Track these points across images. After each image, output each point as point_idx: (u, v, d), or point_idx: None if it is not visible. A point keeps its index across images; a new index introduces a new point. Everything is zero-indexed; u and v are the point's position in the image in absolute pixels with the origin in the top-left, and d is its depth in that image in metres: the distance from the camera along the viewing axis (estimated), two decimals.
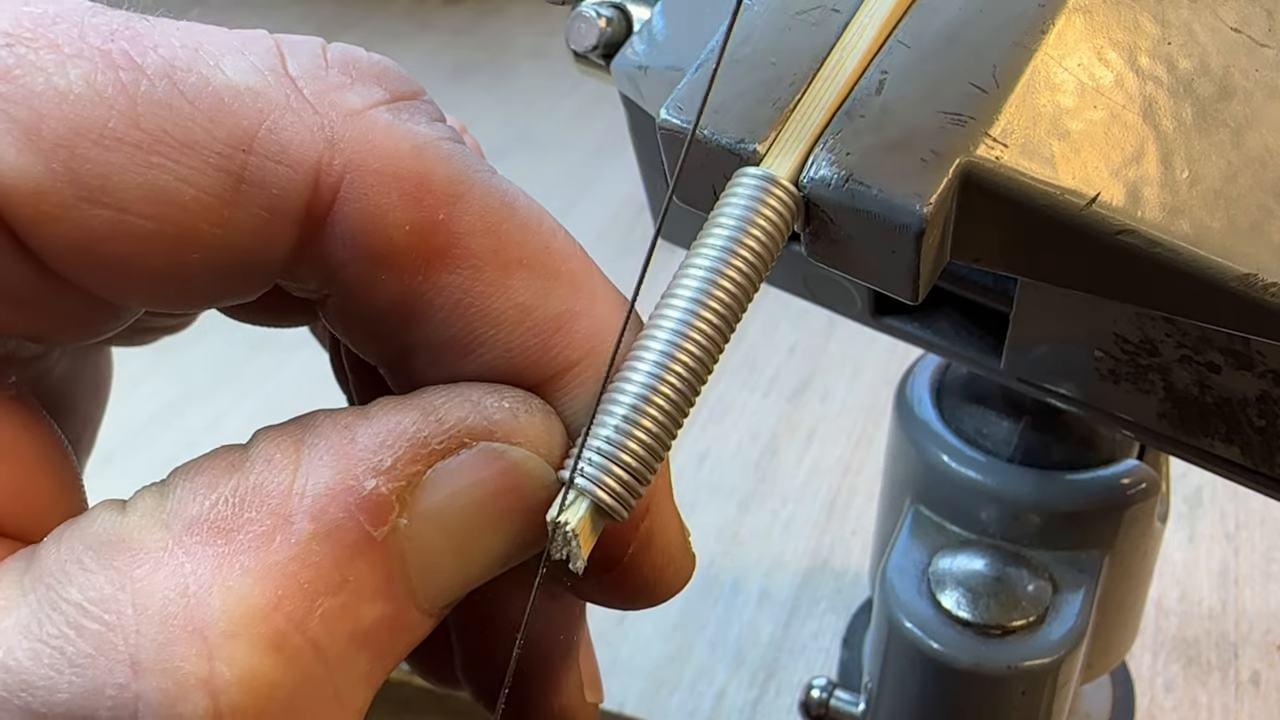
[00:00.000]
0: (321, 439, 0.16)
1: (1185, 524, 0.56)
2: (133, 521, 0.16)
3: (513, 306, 0.17)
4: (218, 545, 0.15)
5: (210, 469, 0.16)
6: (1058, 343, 0.27)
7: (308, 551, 0.16)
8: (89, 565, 0.15)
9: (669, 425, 0.17)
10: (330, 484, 0.16)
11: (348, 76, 0.17)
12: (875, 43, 0.20)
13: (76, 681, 0.15)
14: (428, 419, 0.16)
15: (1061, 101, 0.20)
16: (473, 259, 0.17)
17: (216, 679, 0.15)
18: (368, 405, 0.17)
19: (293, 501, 0.16)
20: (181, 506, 0.16)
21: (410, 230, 0.16)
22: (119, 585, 0.15)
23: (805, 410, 0.63)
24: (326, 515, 0.16)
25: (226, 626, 0.15)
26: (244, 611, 0.15)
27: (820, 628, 0.51)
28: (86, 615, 0.15)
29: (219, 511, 0.16)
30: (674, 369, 0.17)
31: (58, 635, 0.15)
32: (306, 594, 0.15)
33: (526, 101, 0.90)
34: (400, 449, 0.16)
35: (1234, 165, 0.20)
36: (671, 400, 0.17)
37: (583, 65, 0.28)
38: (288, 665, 0.15)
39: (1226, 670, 0.49)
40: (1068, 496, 0.34)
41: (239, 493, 0.16)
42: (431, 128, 0.17)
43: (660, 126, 0.21)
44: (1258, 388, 0.24)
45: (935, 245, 0.20)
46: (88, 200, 0.15)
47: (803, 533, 0.56)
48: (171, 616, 0.15)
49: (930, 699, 0.35)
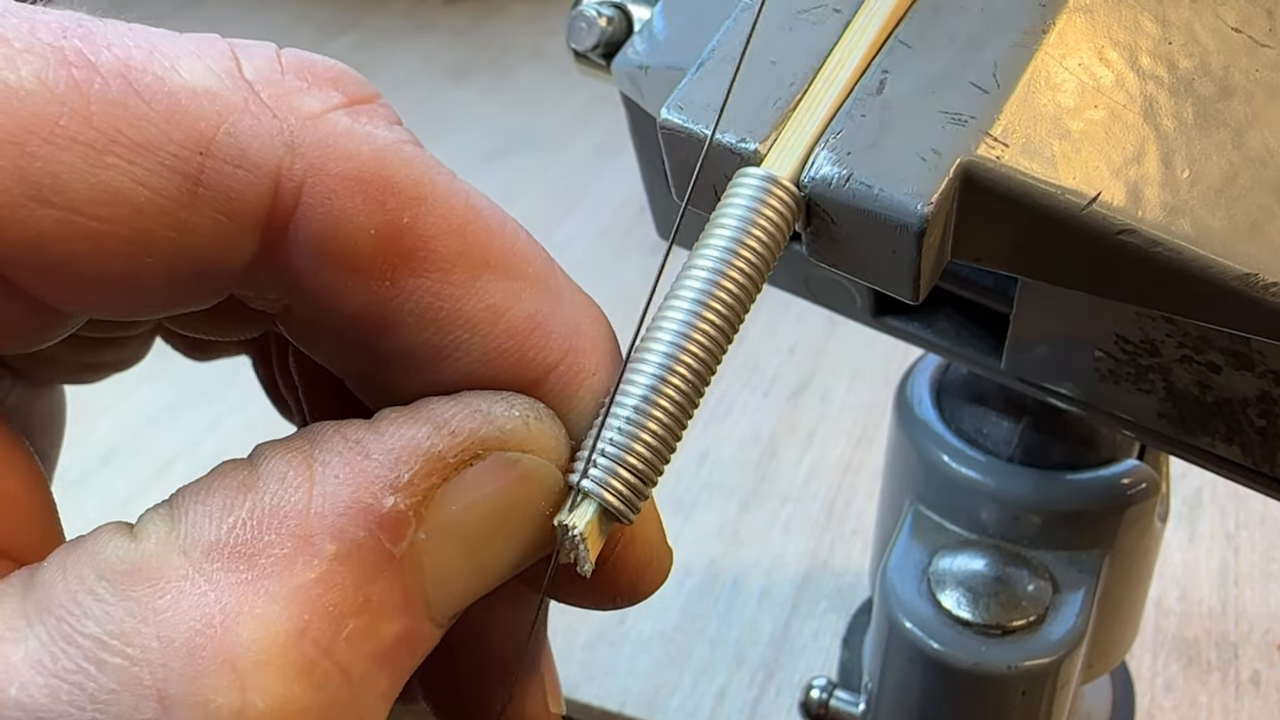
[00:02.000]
0: (334, 455, 0.16)
1: (1185, 524, 0.56)
2: (147, 549, 0.15)
3: (485, 309, 0.17)
4: (240, 571, 0.15)
5: (220, 489, 0.16)
6: (1058, 343, 0.27)
7: (331, 573, 0.15)
8: (104, 596, 0.15)
9: (674, 427, 0.17)
10: (349, 502, 0.16)
11: (304, 81, 0.17)
12: (876, 42, 0.20)
13: (100, 719, 0.14)
14: (440, 432, 0.16)
15: (1062, 101, 0.20)
16: (441, 262, 0.17)
17: (249, 710, 0.14)
18: (373, 419, 0.17)
19: (312, 522, 0.15)
20: (197, 531, 0.15)
21: (376, 234, 0.16)
22: (140, 618, 0.15)
23: (805, 410, 0.63)
24: (347, 535, 0.15)
25: (257, 656, 0.15)
26: (273, 639, 0.15)
27: (820, 628, 0.51)
28: (106, 649, 0.14)
29: (238, 535, 0.15)
30: (678, 371, 0.17)
31: (76, 670, 0.14)
32: (332, 617, 0.15)
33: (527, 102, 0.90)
34: (416, 464, 0.16)
35: (1234, 165, 0.20)
36: (676, 402, 0.17)
37: (583, 65, 0.28)
38: (317, 691, 0.15)
39: (1226, 670, 0.49)
40: (1068, 496, 0.34)
41: (256, 515, 0.15)
42: (391, 131, 0.17)
43: (661, 126, 0.21)
44: (1258, 387, 0.24)
45: (936, 245, 0.20)
46: (36, 199, 0.14)
47: (803, 532, 0.56)
48: (199, 649, 0.15)
49: (930, 699, 0.35)
